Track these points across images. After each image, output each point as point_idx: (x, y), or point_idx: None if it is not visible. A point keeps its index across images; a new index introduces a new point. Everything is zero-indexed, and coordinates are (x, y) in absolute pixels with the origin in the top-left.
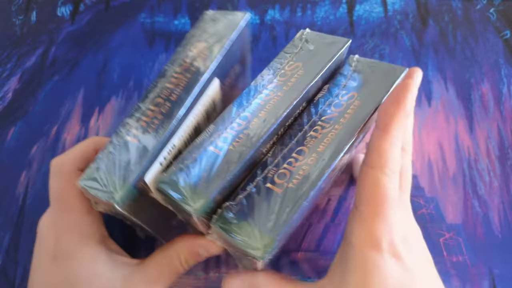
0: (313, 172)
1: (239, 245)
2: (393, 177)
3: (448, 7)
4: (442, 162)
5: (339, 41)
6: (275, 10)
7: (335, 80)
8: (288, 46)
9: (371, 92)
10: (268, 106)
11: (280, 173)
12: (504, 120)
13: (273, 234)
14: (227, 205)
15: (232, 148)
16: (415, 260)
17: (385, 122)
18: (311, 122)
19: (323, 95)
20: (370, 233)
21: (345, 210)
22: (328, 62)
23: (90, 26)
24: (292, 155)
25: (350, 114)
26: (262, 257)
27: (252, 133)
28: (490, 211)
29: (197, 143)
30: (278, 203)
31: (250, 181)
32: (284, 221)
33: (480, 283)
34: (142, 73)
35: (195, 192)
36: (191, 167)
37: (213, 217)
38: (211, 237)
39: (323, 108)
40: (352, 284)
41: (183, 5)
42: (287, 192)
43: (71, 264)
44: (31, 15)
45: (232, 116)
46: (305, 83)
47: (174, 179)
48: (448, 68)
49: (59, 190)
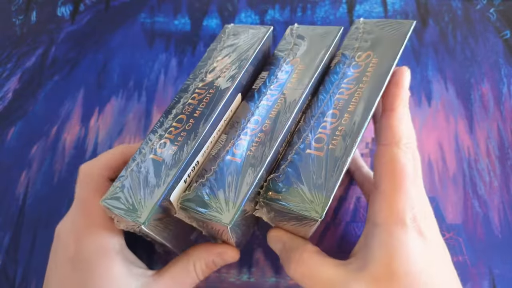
0: (350, 129)
1: (294, 210)
2: (408, 152)
3: (448, 7)
4: (442, 162)
5: (332, 30)
6: (275, 10)
7: (347, 45)
8: (281, 44)
9: (386, 48)
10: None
11: (317, 138)
12: (504, 120)
13: (326, 193)
14: (272, 177)
15: (250, 153)
16: (435, 237)
17: (390, 102)
18: (334, 87)
19: (338, 60)
20: (394, 208)
21: (345, 210)
22: (327, 50)
23: (90, 26)
24: (325, 119)
25: (371, 71)
26: (320, 216)
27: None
28: (490, 211)
29: (212, 155)
30: (323, 165)
31: (289, 150)
32: (335, 179)
33: (480, 283)
34: (142, 73)
35: (225, 202)
36: (212, 179)
37: (260, 193)
38: (259, 213)
39: (343, 71)
40: (378, 261)
41: (183, 5)
42: (329, 154)
43: (89, 272)
44: (31, 15)
45: (243, 123)
46: (309, 77)
47: (199, 194)
48: (448, 68)
49: (84, 197)
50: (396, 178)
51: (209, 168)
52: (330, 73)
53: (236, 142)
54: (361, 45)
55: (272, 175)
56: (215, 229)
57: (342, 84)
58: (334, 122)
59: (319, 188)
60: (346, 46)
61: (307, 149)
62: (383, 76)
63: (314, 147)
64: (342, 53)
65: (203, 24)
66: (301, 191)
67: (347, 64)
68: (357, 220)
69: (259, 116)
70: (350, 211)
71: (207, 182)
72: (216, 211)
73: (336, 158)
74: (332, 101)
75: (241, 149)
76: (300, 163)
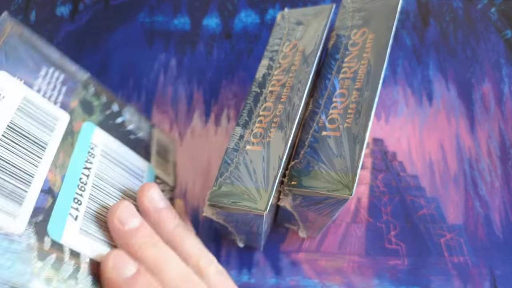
0: (363, 104)
1: (323, 192)
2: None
3: (449, 7)
4: (443, 162)
5: (324, 8)
6: (275, 10)
7: (339, 25)
8: (275, 30)
9: (380, 22)
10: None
11: (330, 119)
12: (505, 120)
13: (352, 170)
14: (293, 164)
15: (269, 139)
16: None
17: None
18: (336, 68)
19: (335, 41)
20: None
21: (345, 210)
22: (324, 28)
23: (89, 25)
24: (334, 100)
25: (370, 47)
26: (351, 193)
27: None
28: (491, 211)
29: (230, 148)
30: (342, 143)
31: (304, 135)
32: (357, 156)
33: (481, 284)
34: (142, 73)
35: (256, 190)
36: (235, 172)
37: (283, 182)
38: (284, 201)
39: (341, 51)
40: None
41: (183, 4)
42: (346, 132)
43: None
44: (30, 14)
45: (253, 113)
46: (312, 57)
47: (225, 189)
48: (449, 68)
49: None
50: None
51: (231, 160)
52: (329, 54)
53: (253, 131)
54: (354, 24)
55: (292, 162)
56: (246, 222)
57: (343, 64)
58: (344, 101)
59: (343, 167)
60: (339, 26)
61: (323, 131)
62: (383, 49)
63: (329, 128)
64: (336, 34)
65: (203, 23)
66: (326, 172)
67: (344, 44)
68: (358, 221)
69: (270, 103)
70: (350, 212)
71: (231, 174)
72: (249, 200)
73: (354, 135)
74: (337, 81)
75: (259, 137)
76: (318, 145)
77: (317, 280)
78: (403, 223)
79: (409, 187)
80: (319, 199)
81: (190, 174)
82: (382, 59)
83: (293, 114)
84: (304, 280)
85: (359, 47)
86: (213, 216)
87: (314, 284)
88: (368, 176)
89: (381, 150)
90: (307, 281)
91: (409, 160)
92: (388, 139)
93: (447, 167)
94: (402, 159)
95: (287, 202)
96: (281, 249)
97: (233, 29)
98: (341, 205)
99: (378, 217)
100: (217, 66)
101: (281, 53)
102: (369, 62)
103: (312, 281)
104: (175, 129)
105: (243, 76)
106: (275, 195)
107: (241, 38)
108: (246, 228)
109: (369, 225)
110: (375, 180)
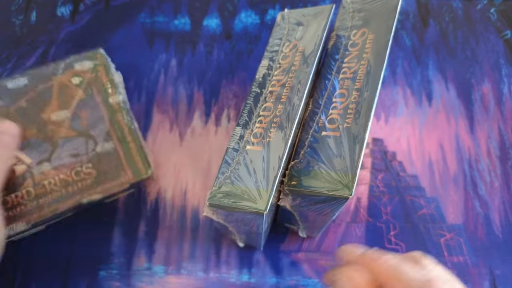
0: (362, 104)
1: (323, 192)
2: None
3: (448, 7)
4: (443, 162)
5: (323, 9)
6: (275, 10)
7: (339, 26)
8: (275, 31)
9: (379, 23)
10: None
11: (330, 119)
12: (504, 120)
13: (351, 170)
14: (293, 164)
15: (269, 139)
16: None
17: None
18: (336, 68)
19: (334, 42)
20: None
21: (345, 210)
22: (324, 28)
23: (90, 26)
24: (334, 100)
25: (370, 47)
26: (351, 193)
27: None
28: (491, 211)
29: (230, 148)
30: (342, 143)
31: (304, 135)
32: (357, 156)
33: (481, 284)
34: (142, 73)
35: (257, 190)
36: (235, 172)
37: (283, 182)
38: (283, 201)
39: (341, 52)
40: None
41: (183, 5)
42: (346, 132)
43: None
44: (30, 15)
45: (253, 113)
46: (312, 57)
47: (225, 189)
48: (448, 68)
49: None
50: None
51: (231, 160)
52: (328, 55)
53: (253, 131)
54: (354, 24)
55: (292, 162)
56: (246, 222)
57: (343, 64)
58: (344, 101)
59: (343, 167)
60: (339, 27)
61: (322, 131)
62: (383, 50)
63: (329, 129)
64: (336, 34)
65: (203, 24)
66: (325, 172)
67: (344, 44)
68: (357, 221)
69: (270, 103)
70: (350, 211)
71: (231, 174)
72: (249, 200)
73: (354, 135)
74: (337, 81)
75: (259, 137)
76: (318, 145)
77: (317, 279)
78: (403, 223)
79: (409, 187)
80: (319, 199)
81: (190, 174)
82: (381, 60)
83: (293, 114)
84: (304, 279)
85: (359, 48)
86: (213, 216)
87: (314, 284)
88: (368, 176)
89: (381, 150)
90: (307, 280)
91: (409, 160)
92: (388, 139)
93: (446, 167)
94: (402, 159)
95: (287, 202)
96: (281, 249)
97: (233, 29)
98: (341, 205)
99: (378, 217)
100: (217, 66)
101: (281, 54)
102: (368, 62)
103: (312, 281)
104: (175, 129)
105: (243, 76)
106: (275, 195)
107: (241, 38)
108: (246, 227)
109: (369, 225)
110: (375, 180)
